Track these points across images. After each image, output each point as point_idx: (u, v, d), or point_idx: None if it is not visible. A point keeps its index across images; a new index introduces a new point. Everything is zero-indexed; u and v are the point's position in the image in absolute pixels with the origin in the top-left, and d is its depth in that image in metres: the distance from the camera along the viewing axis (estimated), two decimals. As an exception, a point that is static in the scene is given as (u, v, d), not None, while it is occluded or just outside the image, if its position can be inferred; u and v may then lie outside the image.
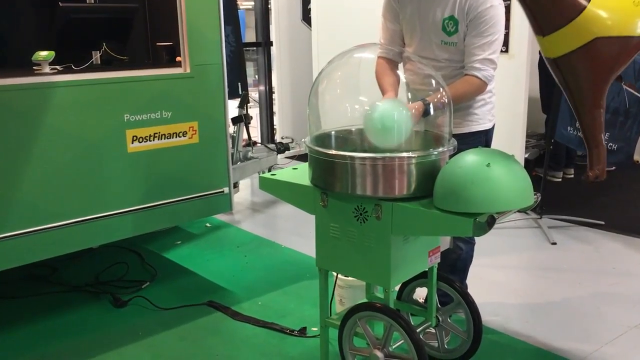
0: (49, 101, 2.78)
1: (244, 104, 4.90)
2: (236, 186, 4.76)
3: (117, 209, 3.03)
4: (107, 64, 3.36)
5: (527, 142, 4.88)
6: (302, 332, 2.90)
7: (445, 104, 2.29)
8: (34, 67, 2.94)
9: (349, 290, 2.83)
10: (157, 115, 3.12)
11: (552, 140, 4.45)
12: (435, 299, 2.45)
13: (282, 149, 5.34)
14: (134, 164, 3.07)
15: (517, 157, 2.07)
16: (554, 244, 4.02)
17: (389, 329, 2.21)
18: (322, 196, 2.24)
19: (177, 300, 3.26)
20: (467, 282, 2.87)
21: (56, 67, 3.02)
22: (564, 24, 1.86)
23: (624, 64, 1.94)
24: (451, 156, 2.09)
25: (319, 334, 2.48)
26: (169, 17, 3.28)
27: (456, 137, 2.32)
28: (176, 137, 3.20)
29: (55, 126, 2.80)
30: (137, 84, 3.06)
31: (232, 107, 4.39)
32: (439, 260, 2.38)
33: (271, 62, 6.56)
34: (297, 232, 4.27)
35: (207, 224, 4.51)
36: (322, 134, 2.39)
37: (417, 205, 2.03)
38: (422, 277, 2.44)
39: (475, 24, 2.41)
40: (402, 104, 2.23)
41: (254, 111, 6.53)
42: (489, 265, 3.65)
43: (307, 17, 6.02)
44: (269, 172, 2.74)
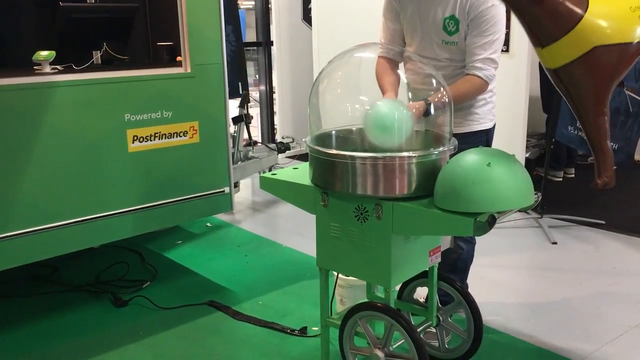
0: (49, 101, 2.78)
1: (244, 104, 4.90)
2: (237, 186, 4.76)
3: (117, 208, 3.03)
4: (107, 64, 3.36)
5: (527, 141, 4.88)
6: (303, 331, 2.90)
7: (446, 103, 2.29)
8: (35, 67, 2.94)
9: (349, 289, 2.83)
10: (158, 115, 3.12)
11: (553, 139, 4.45)
12: (435, 298, 2.45)
13: (283, 148, 5.34)
14: (135, 163, 3.07)
15: (517, 156, 2.07)
16: (554, 243, 4.02)
17: (390, 329, 2.21)
18: (322, 196, 2.24)
19: (178, 299, 3.26)
20: (468, 281, 2.88)
21: (57, 66, 3.01)
22: (561, 35, 1.85)
23: (624, 71, 1.93)
24: (452, 156, 2.09)
25: (320, 334, 2.48)
26: (169, 17, 3.28)
27: (457, 136, 2.32)
28: (177, 136, 3.20)
29: (55, 126, 2.80)
30: (137, 84, 3.06)
31: (233, 107, 4.38)
32: (439, 259, 2.38)
33: (272, 62, 6.56)
34: (297, 232, 4.27)
35: (208, 224, 4.51)
36: (323, 133, 2.39)
37: (418, 204, 2.03)
38: (423, 277, 2.44)
39: (476, 23, 2.41)
40: (402, 104, 2.23)
41: (255, 111, 6.52)
42: (490, 264, 3.65)
43: (307, 17, 6.02)
44: (270, 171, 2.74)
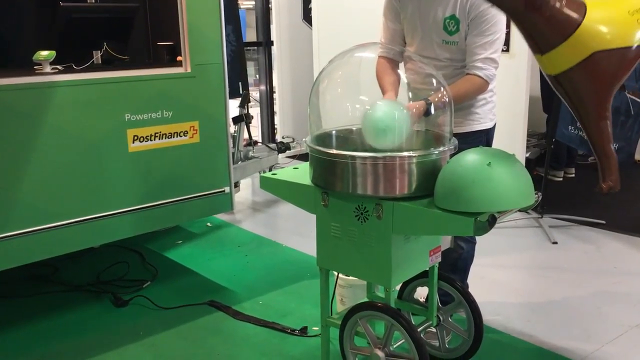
0: (49, 101, 2.78)
1: (244, 104, 4.90)
2: (237, 186, 4.76)
3: (118, 208, 3.03)
4: (107, 64, 3.35)
5: (528, 141, 4.87)
6: (303, 331, 2.90)
7: (446, 103, 2.29)
8: (35, 67, 2.94)
9: (349, 289, 2.83)
10: (158, 114, 3.12)
11: (553, 139, 4.44)
12: (436, 298, 2.45)
13: (283, 148, 5.34)
14: (135, 163, 3.07)
15: (518, 156, 2.06)
16: (555, 243, 4.02)
17: (390, 329, 2.21)
18: (323, 196, 2.24)
19: (178, 299, 3.26)
20: (468, 281, 2.88)
21: (57, 66, 3.01)
22: (560, 41, 1.83)
23: (625, 74, 1.91)
24: (452, 155, 2.09)
25: (320, 334, 2.48)
26: (169, 17, 3.27)
27: (457, 136, 2.31)
28: (177, 136, 3.20)
29: (56, 126, 2.80)
30: (137, 84, 3.06)
31: (233, 107, 4.38)
32: (439, 259, 2.38)
33: (272, 62, 6.56)
34: (298, 232, 4.27)
35: (208, 224, 4.51)
36: (323, 133, 2.39)
37: (418, 204, 2.03)
38: (423, 277, 2.44)
39: (476, 23, 2.41)
40: (399, 105, 2.22)
41: (255, 111, 6.52)
42: (490, 264, 3.65)
43: (307, 17, 6.01)
44: (270, 171, 2.74)
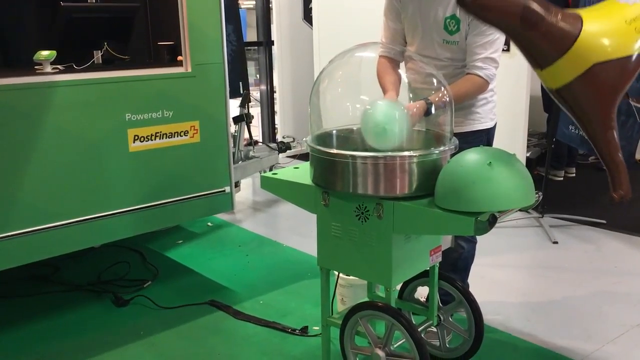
0: (50, 101, 2.78)
1: (245, 103, 4.90)
2: (237, 185, 4.76)
3: (118, 208, 3.03)
4: (108, 64, 3.35)
5: (528, 141, 4.87)
6: (304, 331, 2.90)
7: (447, 103, 2.29)
8: (36, 67, 2.94)
9: (350, 289, 2.83)
10: (159, 114, 3.12)
11: (554, 139, 4.45)
12: (436, 298, 2.45)
13: (284, 148, 5.34)
14: (136, 163, 3.07)
15: (518, 156, 2.06)
16: (555, 243, 4.02)
17: (391, 328, 2.21)
18: (323, 195, 2.24)
19: (179, 299, 3.26)
20: (469, 281, 2.87)
21: (58, 66, 3.01)
22: (559, 56, 1.82)
23: (627, 84, 1.89)
24: (452, 155, 2.09)
25: (321, 333, 2.48)
26: (170, 17, 3.27)
27: (458, 136, 2.31)
28: (177, 136, 3.20)
29: (56, 126, 2.80)
30: (138, 84, 3.06)
31: (234, 107, 4.38)
32: (440, 259, 2.38)
33: (272, 62, 6.56)
34: (298, 231, 4.27)
35: (209, 223, 4.51)
36: (324, 133, 2.39)
37: (419, 204, 2.03)
38: (424, 276, 2.44)
39: (476, 22, 2.40)
40: (399, 105, 2.22)
41: (255, 110, 6.52)
42: (491, 264, 3.65)
43: (308, 17, 6.01)
44: (271, 171, 2.74)
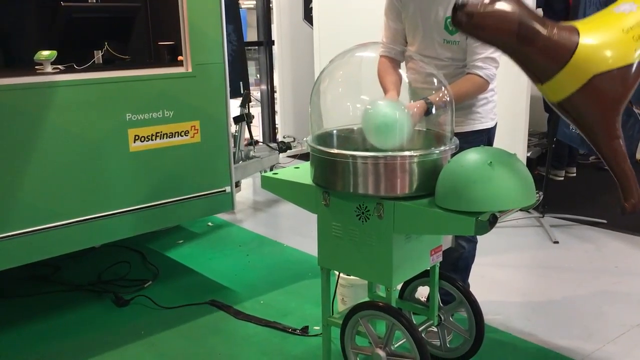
0: (50, 101, 2.78)
1: (245, 103, 4.90)
2: (238, 185, 4.76)
3: (119, 208, 3.03)
4: (109, 64, 3.36)
5: (529, 140, 4.86)
6: (304, 331, 2.90)
7: (447, 102, 2.29)
8: (36, 67, 2.94)
9: (351, 289, 2.83)
10: (159, 114, 3.12)
11: (555, 139, 4.44)
12: (437, 297, 2.45)
13: (284, 148, 5.34)
14: (136, 163, 3.07)
15: (519, 155, 2.06)
16: (556, 242, 4.02)
17: (391, 328, 2.21)
18: (324, 195, 2.24)
19: (179, 299, 3.26)
20: (469, 280, 2.87)
21: (58, 66, 3.02)
22: (558, 69, 1.81)
23: (629, 92, 1.87)
24: (453, 155, 2.09)
25: (321, 333, 2.48)
26: (170, 17, 3.28)
27: (458, 135, 2.31)
28: (178, 136, 3.20)
29: (57, 126, 2.80)
30: (138, 84, 3.06)
31: (234, 106, 4.38)
32: (440, 259, 2.38)
33: (273, 61, 6.56)
34: (299, 231, 4.27)
35: (209, 223, 4.51)
36: (324, 132, 2.39)
37: (419, 204, 2.03)
38: (424, 276, 2.43)
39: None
40: (400, 105, 2.22)
41: (256, 110, 6.52)
42: (491, 264, 3.65)
43: (308, 16, 6.01)
44: (271, 171, 2.74)
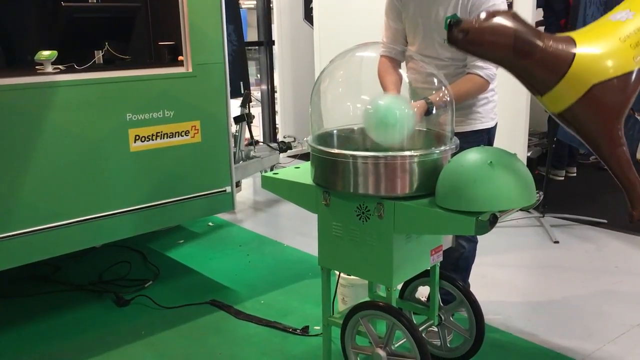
0: (51, 101, 2.78)
1: (246, 103, 4.91)
2: (238, 185, 4.77)
3: (119, 208, 3.03)
4: (109, 64, 3.36)
5: (529, 140, 4.86)
6: (305, 330, 2.90)
7: (447, 102, 2.29)
8: (37, 67, 2.94)
9: (351, 289, 2.84)
10: (160, 114, 3.12)
11: (555, 138, 4.44)
12: (437, 297, 2.45)
13: (284, 148, 5.34)
14: (137, 163, 3.07)
15: (519, 155, 2.06)
16: (556, 242, 4.01)
17: (392, 328, 2.21)
18: (324, 195, 2.24)
19: (180, 299, 3.27)
20: (470, 280, 2.87)
21: (59, 66, 3.02)
22: (557, 81, 1.80)
23: (630, 100, 1.86)
24: (453, 155, 2.09)
25: (322, 333, 2.48)
26: (171, 17, 3.28)
27: (458, 135, 2.31)
28: (178, 136, 3.20)
29: (57, 126, 2.80)
30: (139, 84, 3.06)
31: (234, 106, 4.39)
32: (441, 259, 2.38)
33: (273, 61, 6.56)
34: (299, 231, 4.27)
35: (210, 223, 4.51)
36: (324, 132, 2.39)
37: (419, 204, 2.03)
38: (425, 276, 2.43)
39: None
40: (403, 100, 2.22)
41: (256, 110, 6.53)
42: (491, 263, 3.65)
43: (309, 16, 6.02)
44: (271, 171, 2.75)
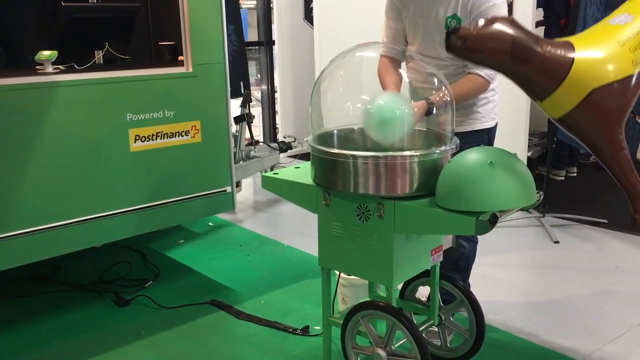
0: (51, 101, 2.78)
1: (246, 103, 4.91)
2: (239, 185, 4.77)
3: (119, 208, 3.03)
4: (109, 64, 3.36)
5: (529, 140, 4.86)
6: (305, 330, 2.90)
7: (448, 102, 2.29)
8: (37, 67, 2.94)
9: (351, 289, 2.84)
10: (160, 114, 3.12)
11: (555, 138, 4.44)
12: (437, 297, 2.45)
13: (285, 148, 5.35)
14: (137, 163, 3.07)
15: (519, 155, 2.06)
16: (556, 242, 4.01)
17: (392, 328, 2.21)
18: (324, 195, 2.24)
19: (180, 299, 3.27)
20: (470, 280, 2.87)
21: (59, 66, 3.02)
22: (556, 86, 1.79)
23: (630, 104, 1.85)
24: (453, 155, 2.09)
25: (322, 333, 2.48)
26: (171, 17, 3.28)
27: (459, 135, 2.31)
28: (178, 136, 3.20)
29: (58, 126, 2.80)
30: (139, 84, 3.06)
31: (235, 106, 4.39)
32: (441, 259, 2.38)
33: (273, 61, 6.56)
34: (299, 231, 4.27)
35: (210, 223, 4.51)
36: (325, 132, 2.39)
37: (420, 204, 2.03)
38: (425, 276, 2.43)
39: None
40: (403, 98, 2.22)
41: (256, 110, 6.53)
42: (492, 263, 3.64)
43: (309, 16, 6.02)
44: (272, 171, 2.74)
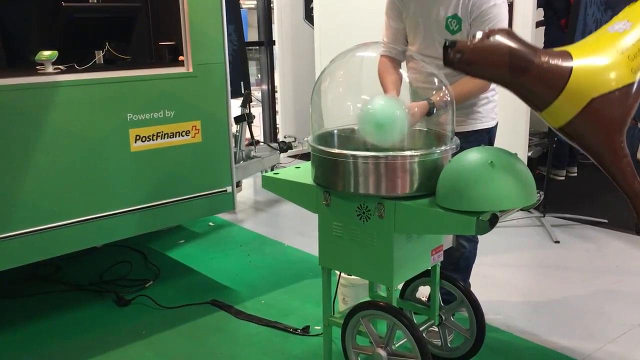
0: (52, 101, 2.78)
1: (246, 103, 4.91)
2: (239, 185, 4.77)
3: (120, 208, 3.03)
4: (110, 64, 3.36)
5: (530, 140, 4.86)
6: (305, 330, 2.90)
7: (448, 102, 2.29)
8: (37, 67, 2.94)
9: (351, 288, 2.84)
10: (160, 114, 3.12)
11: (555, 138, 4.44)
12: (438, 297, 2.45)
13: (285, 147, 5.35)
14: (137, 163, 3.07)
15: (520, 155, 2.06)
16: (557, 242, 4.01)
17: (392, 328, 2.21)
18: (324, 195, 2.24)
19: (181, 299, 3.27)
20: (470, 280, 2.87)
21: (59, 66, 3.02)
22: (555, 96, 1.78)
23: (630, 112, 1.84)
24: (454, 154, 2.09)
25: (322, 333, 2.48)
26: (171, 17, 3.28)
27: (459, 135, 2.32)
28: (179, 136, 3.20)
29: (58, 126, 2.81)
30: (140, 84, 3.06)
31: (235, 106, 4.39)
32: (441, 258, 2.38)
33: (274, 61, 6.56)
34: (300, 231, 4.27)
35: (210, 223, 4.51)
36: (325, 132, 2.39)
37: (420, 203, 2.03)
38: (425, 276, 2.44)
39: (478, 22, 2.40)
40: (394, 101, 2.21)
41: (257, 110, 6.53)
42: (492, 263, 3.65)
43: (309, 16, 6.01)
44: (272, 171, 2.75)
